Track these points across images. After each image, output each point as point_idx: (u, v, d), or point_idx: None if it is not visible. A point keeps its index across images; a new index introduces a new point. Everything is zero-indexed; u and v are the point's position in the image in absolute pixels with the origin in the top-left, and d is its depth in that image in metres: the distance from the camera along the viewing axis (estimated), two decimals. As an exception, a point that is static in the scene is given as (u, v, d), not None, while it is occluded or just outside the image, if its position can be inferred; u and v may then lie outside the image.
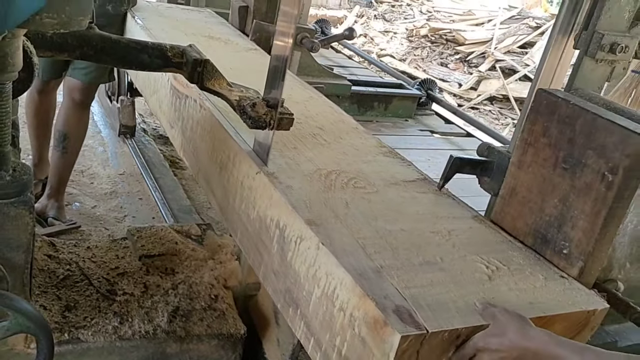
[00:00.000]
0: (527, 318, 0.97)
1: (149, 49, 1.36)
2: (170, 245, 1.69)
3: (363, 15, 10.00)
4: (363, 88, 3.17)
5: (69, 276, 1.52)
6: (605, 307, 1.08)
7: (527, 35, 9.19)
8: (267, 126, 1.27)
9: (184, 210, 2.41)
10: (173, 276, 1.59)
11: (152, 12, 2.20)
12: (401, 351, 0.91)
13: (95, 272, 1.55)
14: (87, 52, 1.30)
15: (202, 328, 1.49)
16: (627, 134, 1.06)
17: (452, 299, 1.01)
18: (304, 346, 1.16)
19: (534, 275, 1.13)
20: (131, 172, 2.72)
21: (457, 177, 1.35)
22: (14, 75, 1.02)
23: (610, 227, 1.12)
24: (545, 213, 1.20)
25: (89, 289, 1.50)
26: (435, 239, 1.18)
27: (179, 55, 1.38)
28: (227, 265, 1.65)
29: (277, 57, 1.27)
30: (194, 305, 1.52)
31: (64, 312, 1.42)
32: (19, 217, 1.08)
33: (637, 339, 1.33)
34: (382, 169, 1.42)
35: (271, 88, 1.29)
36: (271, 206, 1.25)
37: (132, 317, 1.45)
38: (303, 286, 1.14)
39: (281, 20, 1.26)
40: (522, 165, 1.25)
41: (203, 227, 1.81)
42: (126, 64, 1.46)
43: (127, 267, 1.60)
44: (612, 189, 1.08)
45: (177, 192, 2.58)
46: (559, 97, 1.17)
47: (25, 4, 0.82)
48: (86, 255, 1.61)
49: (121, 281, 1.54)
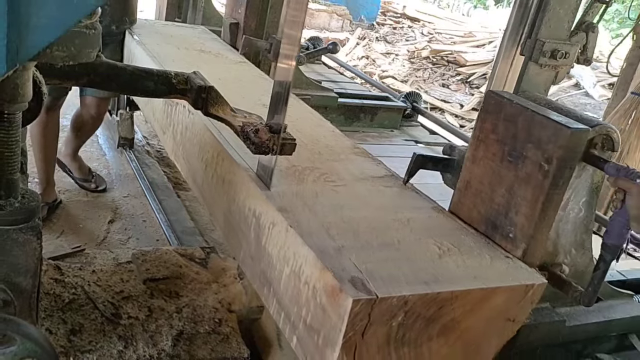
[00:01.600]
0: None
1: (154, 76, 1.40)
2: (175, 268, 1.72)
3: (365, 37, 10.29)
4: (350, 100, 3.37)
5: (74, 300, 1.55)
6: (543, 283, 1.22)
7: (528, 56, 9.42)
8: (270, 152, 1.30)
9: (187, 232, 2.43)
10: (177, 300, 1.62)
11: (149, 29, 2.41)
12: (354, 314, 1.05)
13: (100, 296, 1.58)
14: (94, 79, 1.33)
15: (205, 352, 1.49)
16: (559, 128, 1.22)
17: (403, 273, 1.15)
18: (276, 320, 1.30)
19: (481, 256, 1.27)
20: (135, 194, 2.77)
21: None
22: (23, 106, 1.04)
23: (548, 212, 1.26)
24: (495, 202, 1.35)
25: (94, 312, 1.52)
26: (395, 225, 1.33)
27: (183, 82, 1.41)
28: (231, 289, 1.67)
29: (280, 83, 1.29)
30: (198, 329, 1.54)
31: (69, 336, 1.44)
32: (27, 243, 1.10)
33: (583, 320, 1.45)
34: (353, 167, 1.58)
35: (274, 113, 1.31)
36: (249, 197, 1.41)
37: (137, 341, 1.47)
38: (275, 266, 1.29)
39: (285, 43, 1.27)
40: (475, 160, 1.40)
41: (207, 250, 1.84)
42: (132, 91, 1.51)
43: (131, 290, 1.62)
44: (548, 178, 1.23)
45: (181, 213, 2.60)
46: (505, 98, 1.34)
47: (37, 39, 0.83)
48: (91, 279, 1.64)
49: (126, 305, 1.57)
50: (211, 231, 2.53)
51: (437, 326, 1.16)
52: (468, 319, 1.18)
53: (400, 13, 11.01)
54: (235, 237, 1.48)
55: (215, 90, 1.41)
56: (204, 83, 1.41)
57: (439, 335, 1.17)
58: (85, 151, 2.97)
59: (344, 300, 1.06)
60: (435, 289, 1.13)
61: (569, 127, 1.21)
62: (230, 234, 1.50)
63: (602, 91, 8.82)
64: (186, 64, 2.08)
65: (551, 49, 1.38)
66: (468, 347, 1.22)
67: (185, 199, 2.79)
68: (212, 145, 1.60)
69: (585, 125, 1.24)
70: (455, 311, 1.16)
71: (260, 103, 1.87)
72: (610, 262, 1.27)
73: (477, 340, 1.22)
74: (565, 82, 8.89)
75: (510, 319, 1.24)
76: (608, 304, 1.54)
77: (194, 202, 2.74)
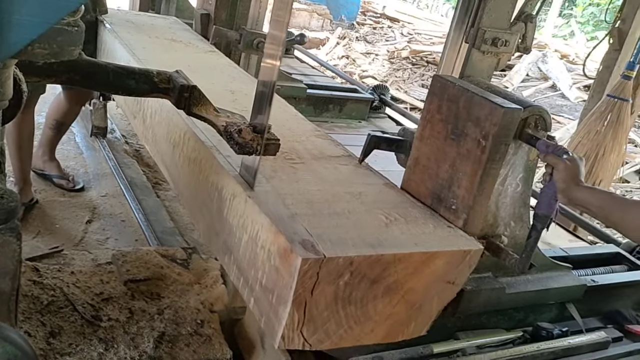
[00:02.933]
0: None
1: (136, 74, 1.39)
2: (156, 269, 1.71)
3: (345, 37, 10.45)
4: (319, 91, 3.53)
5: (53, 302, 1.54)
6: (480, 249, 1.36)
7: (506, 57, 9.69)
8: (254, 152, 1.30)
9: (167, 232, 2.44)
10: (159, 301, 1.62)
11: (121, 18, 2.51)
12: (303, 272, 1.18)
13: (79, 298, 1.56)
14: (73, 77, 1.32)
15: (188, 354, 1.50)
16: (494, 107, 1.36)
17: (350, 237, 1.28)
18: (236, 286, 1.42)
19: (425, 225, 1.41)
20: (113, 193, 2.75)
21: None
22: (4, 104, 1.03)
23: (485, 185, 1.41)
24: (440, 177, 1.49)
25: (74, 314, 1.51)
26: (347, 198, 1.46)
27: (165, 81, 1.40)
28: (213, 290, 1.68)
29: (263, 83, 1.29)
30: (180, 330, 1.54)
31: (48, 339, 1.43)
32: (6, 244, 1.07)
33: (522, 289, 1.60)
34: (312, 147, 1.71)
35: (257, 113, 1.32)
36: (212, 173, 1.53)
37: (118, 343, 1.46)
38: (235, 235, 1.41)
39: (269, 43, 1.27)
40: (423, 139, 1.54)
41: (189, 251, 1.84)
42: (113, 89, 1.48)
43: (112, 292, 1.62)
44: (485, 153, 1.38)
45: (160, 213, 2.59)
46: (448, 81, 1.48)
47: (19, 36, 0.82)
48: (70, 281, 1.62)
49: (106, 307, 1.56)
50: (191, 231, 2.54)
51: (382, 286, 1.29)
52: (410, 280, 1.32)
53: (380, 13, 11.21)
54: (199, 211, 1.60)
55: (198, 90, 1.41)
56: (186, 82, 1.40)
57: (384, 295, 1.30)
58: (62, 149, 2.97)
59: (295, 260, 1.18)
60: (379, 251, 1.26)
61: (502, 107, 1.36)
62: (195, 209, 1.62)
63: (578, 93, 9.10)
64: (157, 52, 2.19)
65: (492, 37, 1.52)
66: (411, 307, 1.35)
67: (164, 198, 2.78)
68: (179, 127, 1.71)
69: (518, 106, 1.39)
70: (398, 273, 1.29)
71: (228, 89, 1.99)
72: (541, 230, 1.41)
73: (420, 300, 1.36)
74: (542, 84, 9.17)
75: (450, 281, 1.38)
76: (547, 275, 1.69)
77: (174, 202, 2.74)
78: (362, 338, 1.34)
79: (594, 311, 1.87)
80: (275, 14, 1.24)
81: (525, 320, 1.73)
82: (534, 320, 1.73)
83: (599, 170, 4.09)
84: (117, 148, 3.13)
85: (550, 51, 9.65)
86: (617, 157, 4.15)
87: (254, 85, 2.18)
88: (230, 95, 1.91)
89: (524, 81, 9.29)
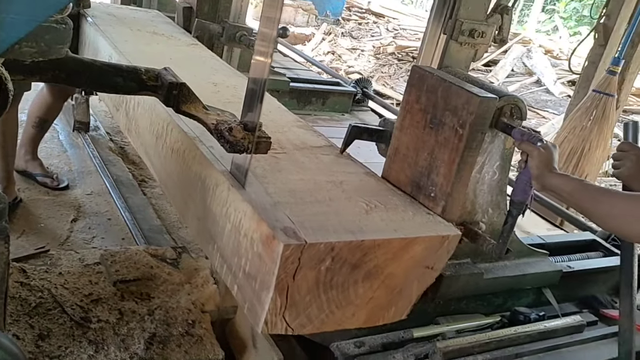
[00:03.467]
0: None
1: (123, 72, 1.38)
2: (146, 269, 1.71)
3: (330, 32, 10.49)
4: (302, 85, 3.57)
5: (41, 304, 1.53)
6: (458, 234, 1.41)
7: (491, 53, 9.82)
8: (245, 150, 1.29)
9: (154, 230, 2.42)
10: (149, 301, 1.61)
11: (102, 11, 2.52)
12: (285, 257, 1.21)
13: (68, 299, 1.55)
14: (59, 75, 1.30)
15: (179, 354, 1.49)
16: (471, 97, 1.41)
17: (331, 224, 1.32)
18: (219, 273, 1.45)
19: (405, 212, 1.46)
20: (99, 191, 2.72)
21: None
22: None
23: (463, 172, 1.46)
24: (419, 165, 1.54)
25: (62, 316, 1.50)
26: (328, 186, 1.50)
27: (153, 78, 1.39)
28: (204, 289, 1.68)
29: (254, 80, 1.27)
30: (171, 331, 1.54)
31: (37, 342, 1.42)
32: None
33: (499, 274, 1.66)
34: (294, 137, 1.74)
35: (248, 111, 1.31)
36: (196, 163, 1.55)
37: (108, 345, 1.46)
38: (218, 223, 1.44)
39: (260, 40, 1.26)
40: (402, 129, 1.59)
41: (178, 250, 1.83)
42: (100, 87, 1.47)
43: (101, 293, 1.60)
44: (462, 141, 1.43)
45: (147, 211, 2.58)
46: (427, 71, 1.53)
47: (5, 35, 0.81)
48: (58, 282, 1.61)
49: (95, 308, 1.55)
50: (178, 229, 2.54)
51: (362, 271, 1.33)
52: (390, 265, 1.36)
53: (365, 9, 11.26)
54: (183, 201, 1.63)
55: (187, 87, 1.39)
56: (175, 79, 1.38)
57: (364, 279, 1.34)
58: (45, 147, 2.95)
59: (277, 246, 1.22)
60: (359, 237, 1.30)
61: (479, 96, 1.40)
62: (178, 199, 1.64)
63: (562, 88, 9.24)
64: (139, 45, 2.21)
65: (469, 29, 1.57)
66: (391, 292, 1.40)
67: (151, 196, 2.76)
68: (162, 118, 1.73)
69: (493, 95, 1.44)
70: (378, 258, 1.33)
71: (210, 82, 2.02)
72: (517, 216, 1.46)
73: (400, 285, 1.40)
74: (526, 79, 9.30)
75: (429, 266, 1.42)
76: (524, 261, 1.74)
77: (160, 200, 2.73)
78: (343, 322, 1.38)
79: (570, 296, 1.94)
80: (266, 11, 1.24)
81: (503, 306, 1.79)
82: (512, 306, 1.79)
83: (584, 165, 4.13)
84: (101, 145, 3.11)
85: (534, 46, 9.78)
86: (603, 152, 4.19)
87: (236, 78, 2.22)
88: (212, 87, 1.94)
89: (509, 76, 9.41)
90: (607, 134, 4.10)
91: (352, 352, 1.52)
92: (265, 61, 1.25)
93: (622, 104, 4.31)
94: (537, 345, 1.66)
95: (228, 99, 1.89)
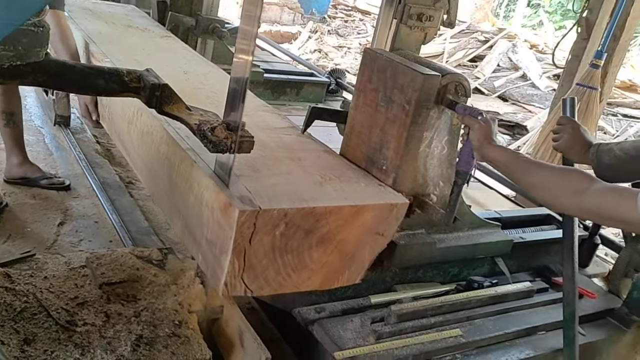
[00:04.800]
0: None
1: (105, 74, 1.39)
2: (132, 271, 1.73)
3: (317, 30, 10.61)
4: (276, 75, 3.71)
5: (26, 308, 1.54)
6: (406, 202, 1.54)
7: (477, 48, 9.98)
8: (227, 150, 1.32)
9: (142, 232, 2.45)
10: (135, 303, 1.63)
11: (79, 7, 2.65)
12: (241, 223, 1.34)
13: (53, 303, 1.56)
14: (40, 78, 1.31)
15: (167, 355, 1.50)
16: (415, 75, 1.55)
17: (286, 193, 1.45)
18: (186, 244, 1.58)
19: (357, 183, 1.59)
20: (86, 194, 2.72)
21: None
22: None
23: (411, 146, 1.59)
24: (372, 141, 1.67)
25: (48, 320, 1.50)
26: (287, 162, 1.63)
27: (135, 80, 1.41)
28: (191, 290, 1.70)
29: (236, 80, 1.30)
30: (158, 332, 1.54)
31: (22, 346, 1.43)
32: None
33: (451, 244, 1.79)
34: (259, 120, 1.87)
35: (231, 110, 1.34)
36: (162, 143, 1.68)
37: (94, 348, 1.46)
38: (182, 196, 1.57)
39: (241, 38, 1.28)
40: (357, 108, 1.72)
41: (164, 251, 1.86)
42: (82, 89, 1.49)
43: (87, 296, 1.61)
44: (409, 116, 1.56)
45: (135, 213, 2.59)
46: (377, 53, 1.66)
47: None
48: (43, 286, 1.62)
49: (81, 311, 1.56)
50: (167, 230, 2.57)
51: (315, 237, 1.46)
52: (342, 231, 1.49)
53: (351, 6, 11.40)
54: (152, 179, 1.75)
55: (169, 88, 1.41)
56: (157, 81, 1.40)
57: (318, 244, 1.47)
58: (31, 151, 2.92)
59: (233, 212, 1.35)
60: (311, 204, 1.43)
61: (422, 74, 1.54)
62: (148, 177, 1.77)
63: (548, 82, 9.40)
64: (113, 38, 2.33)
65: (417, 13, 1.71)
66: (344, 256, 1.53)
67: (138, 197, 2.78)
68: (133, 103, 1.86)
69: (437, 73, 1.58)
70: (330, 224, 1.46)
71: (181, 70, 2.14)
72: (462, 185, 1.59)
73: (352, 250, 1.53)
74: (512, 74, 9.46)
75: (380, 233, 1.56)
76: (477, 232, 1.87)
77: (148, 201, 2.75)
78: (300, 285, 1.50)
79: (523, 266, 2.07)
80: (246, 8, 1.26)
81: (459, 275, 1.92)
82: (468, 275, 1.92)
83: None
84: (88, 148, 3.11)
85: (520, 41, 9.95)
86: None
87: (208, 67, 2.35)
88: (183, 75, 2.06)
89: (495, 71, 9.57)
90: (592, 127, 4.16)
91: (312, 316, 1.65)
92: (247, 59, 1.27)
93: (606, 96, 4.38)
94: (488, 308, 1.80)
95: (197, 86, 2.02)
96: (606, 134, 8.01)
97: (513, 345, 1.74)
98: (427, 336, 1.64)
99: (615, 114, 8.58)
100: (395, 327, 1.63)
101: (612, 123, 8.24)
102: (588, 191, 1.34)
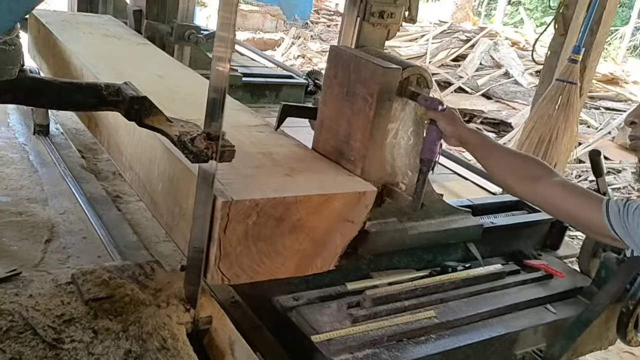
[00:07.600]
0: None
1: (83, 88, 1.40)
2: (119, 286, 1.72)
3: (300, 36, 10.75)
4: (255, 79, 3.83)
5: (12, 327, 1.53)
6: (373, 190, 1.64)
7: (459, 48, 10.16)
8: (209, 159, 1.35)
9: (130, 246, 2.44)
10: (123, 318, 1.62)
11: (56, 17, 2.73)
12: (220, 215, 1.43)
13: (40, 321, 1.55)
14: (18, 95, 1.32)
15: None
16: (376, 68, 1.65)
17: (257, 185, 1.54)
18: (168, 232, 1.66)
19: (327, 174, 1.68)
20: (72, 210, 2.71)
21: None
22: None
23: (376, 137, 1.69)
24: (340, 134, 1.76)
25: (35, 339, 1.50)
26: (259, 157, 1.72)
27: (114, 93, 1.42)
28: (179, 302, 1.68)
29: (215, 89, 1.32)
30: (147, 346, 1.55)
31: None
32: None
33: (423, 230, 1.88)
34: (232, 119, 1.96)
35: (211, 120, 1.36)
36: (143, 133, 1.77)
37: None
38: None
39: (218, 45, 1.29)
40: (325, 102, 1.82)
41: (151, 264, 1.87)
42: (61, 105, 1.51)
43: (73, 312, 1.61)
44: (372, 109, 1.66)
45: (123, 227, 2.59)
46: (341, 49, 1.76)
47: None
48: (29, 304, 1.62)
49: (68, 328, 1.55)
50: (156, 244, 2.58)
51: (287, 225, 1.55)
52: (313, 219, 1.58)
53: (333, 11, 11.56)
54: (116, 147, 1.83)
55: (148, 100, 1.43)
56: (136, 93, 1.42)
57: (290, 232, 1.56)
58: (16, 169, 2.96)
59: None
60: (281, 194, 1.52)
61: (383, 67, 1.64)
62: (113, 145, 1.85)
63: (530, 79, 9.58)
64: (89, 46, 2.42)
65: (379, 10, 1.81)
66: (316, 243, 1.62)
67: (126, 211, 2.78)
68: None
69: (397, 66, 1.68)
70: (301, 212, 1.55)
71: (155, 74, 2.23)
72: (427, 173, 1.69)
73: (324, 237, 1.62)
74: (495, 72, 9.64)
75: (350, 220, 1.65)
76: (448, 219, 1.97)
77: (136, 215, 2.76)
78: (275, 272, 1.59)
79: (496, 251, 2.17)
80: (222, 15, 1.28)
81: (434, 261, 2.02)
82: (442, 261, 2.01)
83: (553, 153, 4.24)
84: (73, 163, 3.11)
85: (501, 39, 10.14)
86: (570, 139, 4.32)
87: (183, 71, 2.44)
88: (157, 78, 2.15)
89: (477, 70, 9.74)
90: (573, 121, 4.25)
91: (291, 304, 1.73)
92: (225, 67, 1.29)
93: (586, 91, 4.47)
94: (461, 291, 1.89)
95: (173, 89, 2.11)
96: (590, 127, 8.18)
97: (486, 325, 1.83)
98: (402, 318, 1.73)
99: (598, 107, 8.76)
100: (371, 310, 1.71)
101: (596, 117, 8.41)
102: (543, 180, 1.43)
